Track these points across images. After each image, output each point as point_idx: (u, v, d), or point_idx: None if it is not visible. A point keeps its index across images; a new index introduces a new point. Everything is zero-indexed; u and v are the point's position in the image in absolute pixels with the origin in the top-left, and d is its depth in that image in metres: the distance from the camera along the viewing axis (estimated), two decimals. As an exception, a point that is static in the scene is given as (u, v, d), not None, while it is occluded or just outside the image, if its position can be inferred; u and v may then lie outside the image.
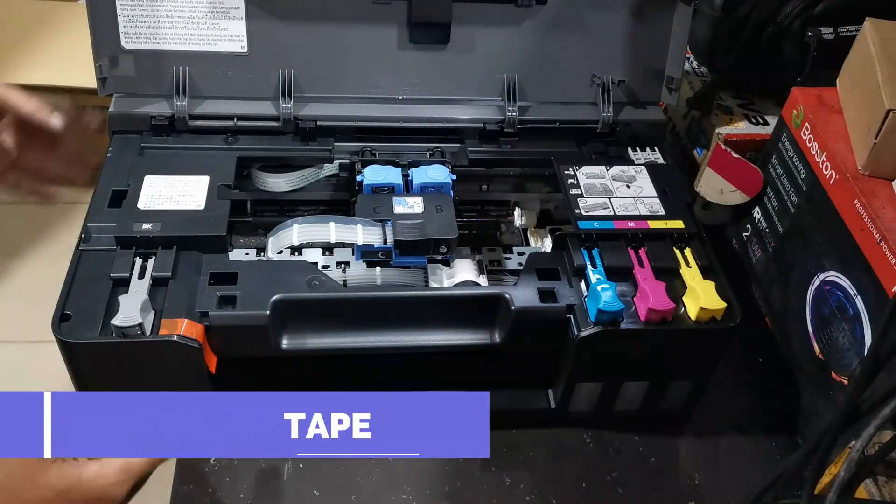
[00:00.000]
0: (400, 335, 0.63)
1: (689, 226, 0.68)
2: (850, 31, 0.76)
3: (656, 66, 0.78)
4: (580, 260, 0.64)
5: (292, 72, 0.73)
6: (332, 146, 0.73)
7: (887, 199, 0.62)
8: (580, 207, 0.68)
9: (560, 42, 0.76)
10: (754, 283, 0.80)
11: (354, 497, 0.63)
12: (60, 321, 0.57)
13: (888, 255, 0.58)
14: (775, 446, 0.70)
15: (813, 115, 0.70)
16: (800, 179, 0.72)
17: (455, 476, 0.65)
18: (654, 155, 0.76)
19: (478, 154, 0.75)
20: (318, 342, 0.62)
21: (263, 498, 0.62)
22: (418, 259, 0.65)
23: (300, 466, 0.65)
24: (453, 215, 0.65)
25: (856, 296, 0.62)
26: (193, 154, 0.70)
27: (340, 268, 0.71)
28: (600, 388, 0.66)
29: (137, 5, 0.70)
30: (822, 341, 0.67)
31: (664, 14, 0.75)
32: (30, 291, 1.56)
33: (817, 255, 0.68)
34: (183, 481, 0.63)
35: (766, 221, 0.78)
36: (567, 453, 0.68)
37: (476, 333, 0.63)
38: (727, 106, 0.86)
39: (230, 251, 0.65)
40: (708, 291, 0.62)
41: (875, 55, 0.65)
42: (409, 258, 0.64)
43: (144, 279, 0.60)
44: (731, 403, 0.73)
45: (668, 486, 0.67)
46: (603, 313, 0.60)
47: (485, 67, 0.76)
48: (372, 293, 0.65)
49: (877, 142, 0.62)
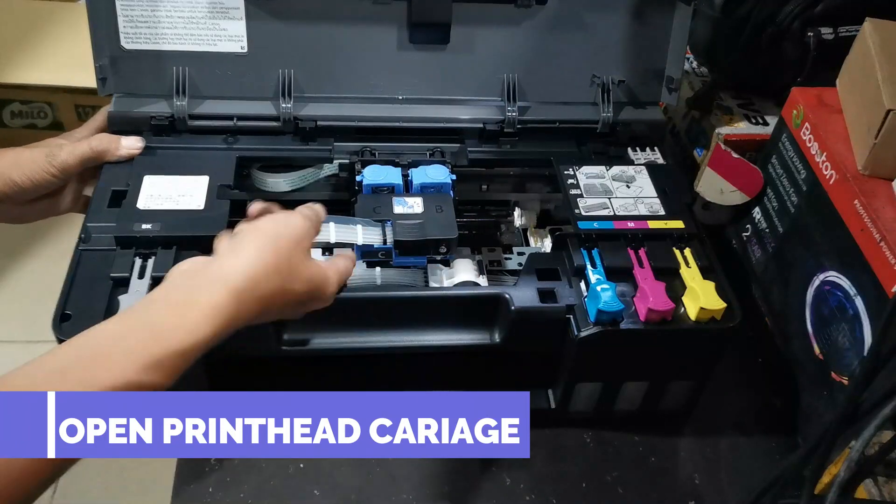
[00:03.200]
0: (400, 335, 0.63)
1: (688, 226, 0.68)
2: (850, 31, 0.76)
3: (656, 66, 0.78)
4: (580, 260, 0.64)
5: (292, 72, 0.73)
6: (332, 146, 0.73)
7: (887, 199, 0.62)
8: (580, 207, 0.68)
9: (560, 42, 0.76)
10: (754, 283, 0.80)
11: (354, 497, 0.63)
12: (60, 321, 0.57)
13: (888, 255, 0.58)
14: (775, 446, 0.70)
15: (813, 115, 0.70)
16: (800, 179, 0.72)
17: (455, 476, 0.65)
18: (654, 155, 0.76)
19: (478, 154, 0.75)
20: (319, 342, 0.62)
21: (263, 498, 0.62)
22: (418, 259, 0.65)
23: (300, 466, 0.65)
24: (453, 215, 0.65)
25: (856, 296, 0.62)
26: (193, 154, 0.70)
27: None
28: (600, 388, 0.66)
29: (137, 5, 0.70)
30: (822, 341, 0.67)
31: (664, 14, 0.76)
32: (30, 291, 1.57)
33: (817, 255, 0.68)
34: (183, 481, 0.63)
35: (766, 221, 0.78)
36: (567, 453, 0.68)
37: (476, 333, 0.63)
38: (727, 106, 0.86)
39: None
40: (708, 291, 0.62)
41: (875, 55, 0.65)
42: (408, 258, 0.64)
43: (144, 279, 0.60)
44: (731, 403, 0.73)
45: (668, 486, 0.67)
46: (603, 313, 0.60)
47: (485, 67, 0.76)
48: (372, 293, 0.65)
49: (877, 142, 0.62)
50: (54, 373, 0.38)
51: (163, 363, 0.40)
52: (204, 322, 0.43)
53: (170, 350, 0.41)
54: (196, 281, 0.46)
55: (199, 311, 0.43)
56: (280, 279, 0.49)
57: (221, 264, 0.48)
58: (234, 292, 0.46)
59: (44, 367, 0.39)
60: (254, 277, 0.47)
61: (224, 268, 0.47)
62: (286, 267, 0.50)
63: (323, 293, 0.54)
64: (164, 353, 0.40)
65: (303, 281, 0.51)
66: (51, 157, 0.65)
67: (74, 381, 0.38)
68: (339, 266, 0.56)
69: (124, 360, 0.39)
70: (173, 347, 0.41)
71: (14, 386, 0.38)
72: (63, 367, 0.39)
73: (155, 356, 0.40)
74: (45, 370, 0.39)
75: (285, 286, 0.50)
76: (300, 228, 0.53)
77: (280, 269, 0.49)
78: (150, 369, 0.39)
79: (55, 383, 0.38)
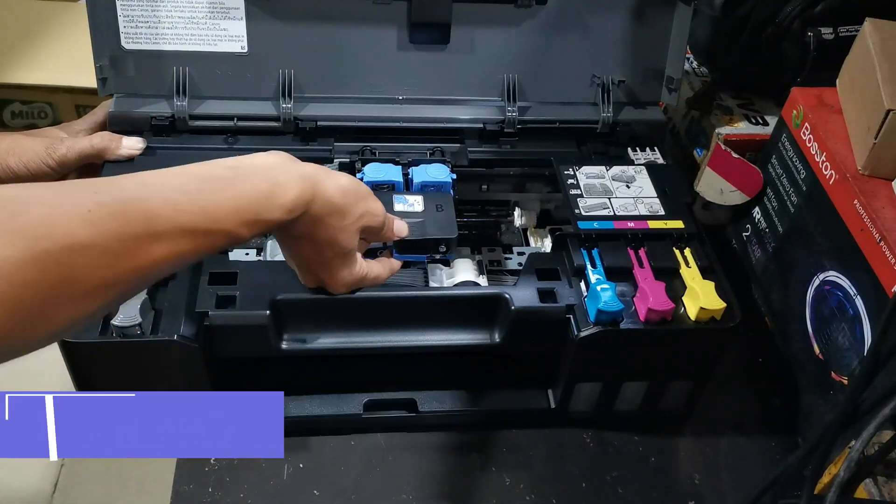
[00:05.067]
0: (400, 335, 0.63)
1: (688, 226, 0.68)
2: (850, 31, 0.76)
3: (656, 66, 0.78)
4: (580, 260, 0.64)
5: (292, 72, 0.73)
6: (332, 146, 0.73)
7: (887, 199, 0.62)
8: (580, 207, 0.68)
9: (560, 42, 0.76)
10: (754, 283, 0.80)
11: (354, 497, 0.63)
12: (60, 321, 0.57)
13: (888, 255, 0.58)
14: (775, 446, 0.70)
15: (813, 115, 0.70)
16: (800, 179, 0.72)
17: (455, 476, 0.65)
18: (653, 155, 0.76)
19: (478, 154, 0.75)
20: (318, 342, 0.62)
21: (263, 498, 0.63)
22: (418, 257, 0.65)
23: (300, 466, 0.65)
24: (453, 215, 0.65)
25: (856, 296, 0.62)
26: (193, 154, 0.70)
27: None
28: (600, 388, 0.66)
29: (137, 5, 0.70)
30: (822, 341, 0.67)
31: (664, 14, 0.76)
32: (30, 291, 1.56)
33: (817, 255, 0.68)
34: (183, 481, 0.63)
35: (766, 221, 0.78)
36: (567, 453, 0.68)
37: (476, 333, 0.63)
38: (727, 106, 0.86)
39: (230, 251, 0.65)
40: (708, 291, 0.62)
41: (875, 55, 0.65)
42: (408, 256, 0.64)
43: (144, 279, 0.60)
44: (731, 403, 0.74)
45: (668, 486, 0.67)
46: (603, 313, 0.60)
47: (485, 67, 0.76)
48: (372, 293, 0.65)
49: (877, 142, 0.62)
50: (183, 192, 0.42)
51: (254, 224, 0.45)
52: (289, 207, 0.47)
53: (262, 217, 0.45)
54: (295, 170, 0.49)
55: (287, 196, 0.47)
56: (341, 223, 0.52)
57: (320, 169, 0.51)
58: (316, 198, 0.49)
59: (176, 176, 0.43)
60: (333, 200, 0.50)
61: (319, 174, 0.50)
62: (352, 220, 0.52)
63: (340, 272, 0.56)
64: (258, 217, 0.45)
65: (346, 243, 0.53)
66: (51, 149, 0.65)
67: (200, 209, 0.42)
68: (370, 268, 0.58)
69: (234, 207, 0.44)
70: (264, 215, 0.46)
71: (150, 186, 0.41)
72: (194, 188, 0.42)
73: (253, 216, 0.45)
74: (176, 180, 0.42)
75: (337, 232, 0.52)
76: (379, 209, 0.56)
77: (348, 216, 0.52)
78: (246, 225, 0.44)
79: (186, 202, 0.41)
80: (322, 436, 0.67)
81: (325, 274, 0.56)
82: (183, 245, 0.40)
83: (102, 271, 0.37)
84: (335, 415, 0.66)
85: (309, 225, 0.50)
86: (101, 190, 0.38)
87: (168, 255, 0.40)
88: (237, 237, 0.44)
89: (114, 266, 0.37)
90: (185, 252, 0.41)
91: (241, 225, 0.44)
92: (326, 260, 0.54)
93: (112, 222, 0.37)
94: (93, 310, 0.37)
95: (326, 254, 0.54)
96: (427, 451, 0.67)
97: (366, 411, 0.66)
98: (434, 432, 0.68)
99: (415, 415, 0.67)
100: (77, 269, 0.35)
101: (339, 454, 0.66)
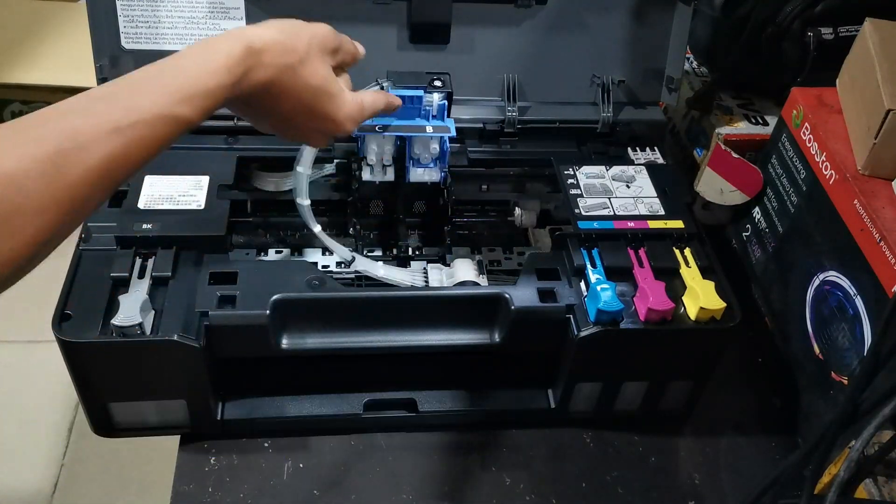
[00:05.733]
0: (400, 335, 0.63)
1: (688, 226, 0.68)
2: (850, 31, 0.76)
3: (656, 66, 0.78)
4: (580, 260, 0.64)
5: (292, 72, 0.73)
6: (332, 146, 0.73)
7: (887, 199, 0.62)
8: (580, 207, 0.68)
9: (560, 42, 0.76)
10: (754, 283, 0.80)
11: (354, 497, 0.63)
12: (60, 321, 0.57)
13: (888, 255, 0.58)
14: (775, 446, 0.70)
15: (813, 116, 0.70)
16: (800, 179, 0.72)
17: (455, 476, 0.65)
18: (653, 155, 0.76)
19: (477, 154, 0.75)
20: (318, 342, 0.62)
21: (263, 498, 0.63)
22: (415, 91, 0.66)
23: (300, 466, 0.65)
24: None
25: (856, 296, 0.62)
26: (193, 154, 0.70)
27: (340, 266, 0.71)
28: (600, 388, 0.66)
29: (137, 5, 0.70)
30: (822, 341, 0.67)
31: (664, 14, 0.76)
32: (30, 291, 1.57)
33: (817, 255, 0.68)
34: (183, 481, 0.63)
35: (766, 221, 0.78)
36: (567, 453, 0.68)
37: (476, 333, 0.63)
38: (727, 106, 0.86)
39: (230, 251, 0.65)
40: (708, 291, 0.62)
41: (875, 55, 0.65)
42: (404, 91, 0.66)
43: (144, 279, 0.60)
44: (731, 403, 0.74)
45: (668, 486, 0.67)
46: (603, 313, 0.60)
47: (485, 67, 0.76)
48: (372, 293, 0.65)
49: (876, 142, 0.62)
50: (102, 99, 0.42)
51: (193, 99, 0.44)
52: (224, 68, 0.47)
53: (198, 88, 0.45)
54: (219, 37, 0.49)
55: (217, 58, 0.47)
56: (294, 59, 0.51)
57: (244, 27, 0.52)
58: (249, 49, 0.48)
59: (90, 95, 0.42)
60: (269, 42, 0.49)
61: (245, 29, 0.50)
62: (303, 51, 0.52)
63: (335, 109, 0.55)
64: (193, 90, 0.45)
65: (317, 77, 0.53)
66: None
67: (121, 107, 0.42)
68: (363, 95, 0.58)
69: (161, 91, 0.44)
70: (200, 86, 0.45)
71: (67, 110, 0.41)
72: (109, 95, 0.43)
73: (185, 91, 0.44)
74: (91, 97, 0.42)
75: (297, 70, 0.51)
76: (323, 28, 0.55)
77: (296, 50, 0.51)
78: (183, 103, 0.44)
79: (103, 107, 0.41)
80: (322, 436, 0.67)
81: (324, 122, 0.55)
82: (113, 144, 0.40)
83: (38, 195, 0.37)
84: (335, 415, 0.66)
85: (268, 79, 0.50)
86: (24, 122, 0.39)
87: (103, 160, 0.40)
88: (183, 118, 0.44)
89: (49, 187, 0.38)
90: (121, 152, 0.41)
91: (177, 104, 0.44)
92: (315, 107, 0.54)
93: (34, 147, 0.38)
94: (38, 242, 0.38)
95: (308, 98, 0.53)
96: (427, 451, 0.67)
97: (366, 411, 0.66)
98: (434, 432, 0.68)
99: (415, 415, 0.67)
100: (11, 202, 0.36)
101: (339, 454, 0.66)
